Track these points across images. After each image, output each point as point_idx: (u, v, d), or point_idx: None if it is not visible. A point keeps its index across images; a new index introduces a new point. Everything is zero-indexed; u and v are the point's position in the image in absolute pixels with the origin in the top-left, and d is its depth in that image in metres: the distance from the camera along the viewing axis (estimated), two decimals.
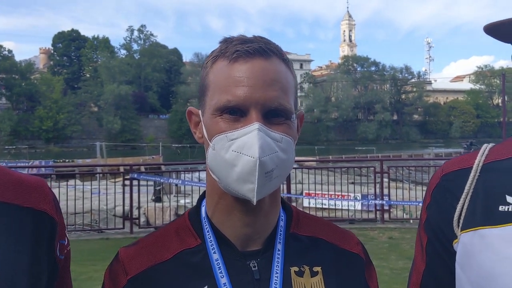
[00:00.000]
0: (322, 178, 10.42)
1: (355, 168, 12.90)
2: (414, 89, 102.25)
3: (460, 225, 0.92)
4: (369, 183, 10.97)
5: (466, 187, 0.93)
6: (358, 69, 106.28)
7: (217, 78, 0.87)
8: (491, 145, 0.99)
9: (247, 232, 0.90)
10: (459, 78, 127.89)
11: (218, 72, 0.87)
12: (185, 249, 0.91)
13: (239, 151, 0.81)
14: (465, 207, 0.92)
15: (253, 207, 0.83)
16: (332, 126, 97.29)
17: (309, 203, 10.64)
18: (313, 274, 0.90)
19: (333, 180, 10.65)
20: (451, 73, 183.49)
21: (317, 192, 10.51)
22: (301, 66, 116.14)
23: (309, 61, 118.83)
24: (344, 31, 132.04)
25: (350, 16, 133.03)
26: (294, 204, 9.95)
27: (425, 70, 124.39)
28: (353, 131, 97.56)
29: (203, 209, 0.96)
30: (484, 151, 0.97)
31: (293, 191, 10.80)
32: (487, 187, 0.91)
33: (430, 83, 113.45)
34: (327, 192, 10.15)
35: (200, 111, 0.93)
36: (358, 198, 9.92)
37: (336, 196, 10.00)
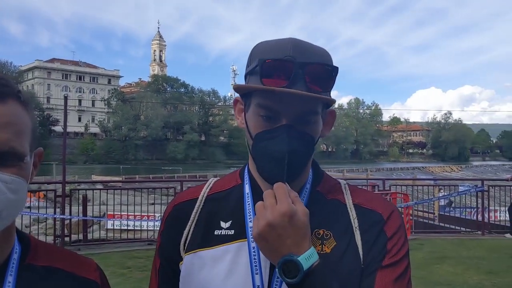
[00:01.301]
0: (128, 199, 10.17)
1: (160, 189, 12.94)
2: (221, 113, 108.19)
3: (185, 248, 1.04)
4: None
5: (192, 215, 1.07)
6: (168, 89, 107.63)
7: None
8: (216, 178, 1.17)
9: None
10: None
11: None
12: None
13: None
14: (190, 232, 1.05)
15: None
16: (141, 144, 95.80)
17: (106, 225, 10.21)
18: None
19: (138, 200, 10.48)
20: None
21: (122, 213, 10.22)
22: (109, 82, 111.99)
23: (118, 77, 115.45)
24: (155, 50, 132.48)
25: (161, 37, 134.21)
26: (94, 227, 9.43)
27: (231, 95, 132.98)
28: (163, 151, 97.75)
29: None
30: (209, 184, 1.13)
31: (95, 213, 10.28)
32: (208, 215, 1.06)
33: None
34: (131, 213, 9.95)
35: None
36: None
37: (141, 217, 9.86)
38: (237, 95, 1.09)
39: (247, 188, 1.06)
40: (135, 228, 9.87)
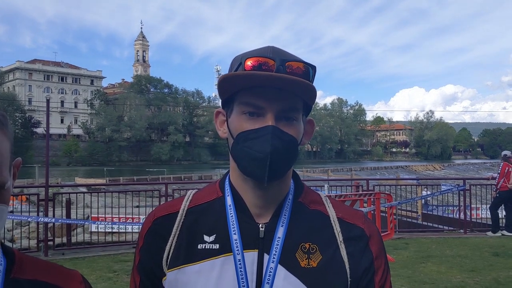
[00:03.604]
0: (112, 201, 10.08)
1: (144, 191, 12.85)
2: (205, 113, 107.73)
3: (168, 264, 1.02)
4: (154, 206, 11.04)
5: (173, 230, 1.04)
6: (152, 89, 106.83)
7: None
8: (195, 191, 1.14)
9: None
10: None
11: None
12: None
13: None
14: (172, 248, 1.03)
15: None
16: (125, 146, 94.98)
17: (90, 228, 10.13)
18: None
19: (123, 202, 10.40)
20: None
21: (106, 215, 10.16)
22: (91, 83, 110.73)
23: (101, 77, 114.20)
24: (138, 51, 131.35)
25: (144, 37, 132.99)
26: (78, 230, 9.24)
27: (215, 95, 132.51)
28: (147, 152, 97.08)
29: None
30: (189, 197, 1.10)
31: (79, 216, 10.15)
32: (190, 229, 1.04)
33: (219, 107, 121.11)
34: (116, 216, 9.91)
35: None
36: None
37: (126, 220, 9.79)
38: (218, 106, 1.08)
39: (229, 200, 1.05)
40: (120, 230, 9.80)
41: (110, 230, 10.07)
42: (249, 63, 0.96)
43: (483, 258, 7.89)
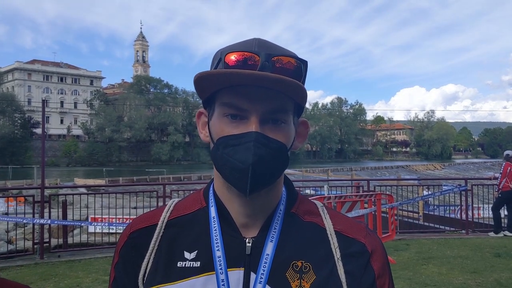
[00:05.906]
0: (112, 201, 9.97)
1: (142, 192, 12.74)
2: None
3: (144, 283, 0.91)
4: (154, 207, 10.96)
5: (151, 245, 0.93)
6: (152, 90, 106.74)
7: None
8: (177, 200, 1.01)
9: None
10: None
11: None
12: None
13: None
14: (149, 265, 0.92)
15: None
16: (125, 146, 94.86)
17: (88, 229, 10.01)
18: None
19: (123, 203, 10.32)
20: None
21: (104, 216, 10.07)
22: (91, 83, 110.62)
23: (100, 78, 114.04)
24: (138, 51, 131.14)
25: (143, 37, 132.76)
26: (76, 231, 9.10)
27: None
28: (147, 152, 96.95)
29: None
30: (170, 207, 0.98)
31: (78, 217, 10.04)
32: (169, 244, 0.93)
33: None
34: (115, 216, 9.83)
35: None
36: None
37: (125, 220, 9.71)
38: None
39: (212, 212, 0.94)
40: (117, 231, 9.69)
41: (106, 231, 9.96)
42: (232, 57, 0.84)
43: (484, 259, 7.79)
